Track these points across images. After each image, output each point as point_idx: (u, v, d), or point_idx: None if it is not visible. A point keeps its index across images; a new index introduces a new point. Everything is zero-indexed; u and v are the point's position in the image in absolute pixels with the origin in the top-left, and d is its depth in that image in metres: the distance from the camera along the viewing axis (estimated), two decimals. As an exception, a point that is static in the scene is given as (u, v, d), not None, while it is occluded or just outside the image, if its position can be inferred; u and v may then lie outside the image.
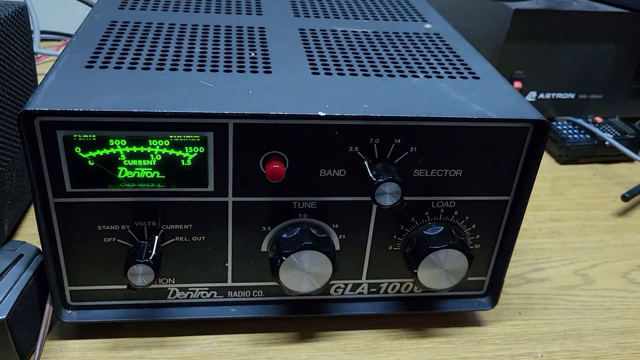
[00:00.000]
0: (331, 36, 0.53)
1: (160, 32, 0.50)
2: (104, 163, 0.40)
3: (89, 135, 0.39)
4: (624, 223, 0.67)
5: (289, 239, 0.43)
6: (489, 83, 0.46)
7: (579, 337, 0.51)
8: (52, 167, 0.39)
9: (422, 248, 0.45)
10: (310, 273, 0.43)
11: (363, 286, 0.49)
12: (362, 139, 0.41)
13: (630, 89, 0.87)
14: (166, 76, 0.42)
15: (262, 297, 0.48)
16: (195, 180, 0.41)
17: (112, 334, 0.47)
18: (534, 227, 0.66)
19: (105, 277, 0.45)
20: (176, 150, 0.40)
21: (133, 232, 0.43)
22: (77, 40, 0.47)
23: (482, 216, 0.46)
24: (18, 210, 0.57)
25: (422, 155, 0.43)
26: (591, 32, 0.81)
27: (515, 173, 0.45)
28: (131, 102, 0.38)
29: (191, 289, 0.47)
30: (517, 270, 0.59)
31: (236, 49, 0.48)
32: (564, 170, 0.78)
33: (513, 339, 0.50)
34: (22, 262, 0.44)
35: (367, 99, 0.41)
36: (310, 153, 0.41)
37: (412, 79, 0.45)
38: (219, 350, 0.47)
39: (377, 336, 0.49)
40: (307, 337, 0.48)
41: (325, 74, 0.45)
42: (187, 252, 0.45)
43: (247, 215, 0.43)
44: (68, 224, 0.42)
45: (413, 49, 0.52)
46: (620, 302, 0.55)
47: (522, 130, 0.43)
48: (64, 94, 0.38)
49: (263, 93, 0.41)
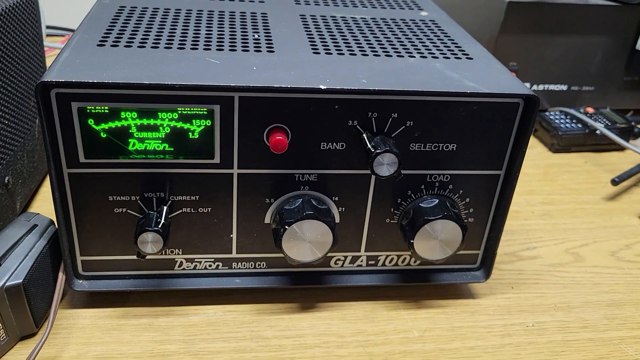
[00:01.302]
0: (331, 21, 0.55)
1: (167, 16, 0.52)
2: (116, 135, 0.42)
3: (102, 108, 0.41)
4: (613, 207, 0.70)
5: (291, 209, 0.46)
6: (482, 63, 0.49)
7: (568, 309, 0.53)
8: (66, 138, 0.42)
9: (418, 219, 0.47)
10: (312, 242, 0.45)
11: (362, 259, 0.51)
12: (360, 113, 0.43)
13: (621, 81, 0.89)
14: (174, 54, 0.44)
15: (265, 268, 0.50)
16: (202, 152, 0.44)
17: (122, 303, 0.49)
18: (527, 209, 0.68)
19: (116, 248, 0.47)
20: (184, 123, 0.42)
21: (142, 203, 0.45)
22: (88, 22, 0.49)
23: (475, 190, 0.48)
24: (29, 190, 0.59)
25: (417, 129, 0.45)
26: (583, 25, 0.83)
27: (506, 148, 0.47)
28: (142, 75, 0.40)
29: (197, 260, 0.49)
30: (510, 249, 0.61)
31: (240, 32, 0.50)
32: (556, 158, 0.80)
33: (505, 310, 0.52)
34: (36, 232, 0.46)
35: (365, 75, 0.44)
36: (311, 126, 0.43)
37: (409, 59, 0.48)
38: (224, 318, 0.49)
39: (375, 307, 0.51)
40: (309, 307, 0.51)
41: (326, 53, 0.47)
42: (194, 224, 0.47)
43: (251, 187, 0.46)
44: (80, 194, 0.44)
45: (409, 33, 0.54)
46: (608, 277, 0.58)
47: (513, 105, 0.45)
48: (78, 67, 0.41)
49: (267, 69, 0.43)
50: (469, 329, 0.50)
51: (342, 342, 0.47)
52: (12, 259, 0.43)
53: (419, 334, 0.49)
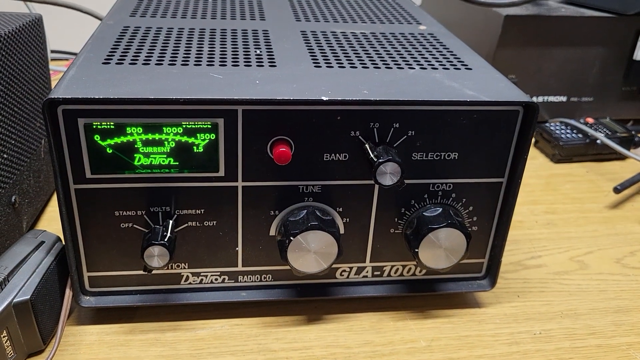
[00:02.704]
0: (331, 36, 0.56)
1: (170, 35, 0.53)
2: (122, 150, 0.43)
3: (107, 124, 0.41)
4: (616, 214, 0.70)
5: (296, 221, 0.46)
6: (481, 73, 0.49)
7: (575, 316, 0.53)
8: (73, 154, 0.42)
9: (422, 228, 0.47)
10: (317, 253, 0.46)
11: (367, 269, 0.51)
12: (362, 124, 0.44)
13: (620, 91, 0.90)
14: (178, 69, 0.45)
15: (271, 281, 0.50)
16: (206, 165, 0.44)
17: (128, 319, 0.49)
18: (530, 219, 0.68)
19: (122, 263, 0.47)
20: (189, 137, 0.43)
21: (148, 218, 0.45)
22: (93, 42, 0.50)
23: (478, 198, 0.49)
24: (35, 209, 0.59)
25: (419, 138, 0.45)
26: (579, 36, 0.84)
27: (508, 155, 0.47)
28: (147, 91, 0.41)
29: (203, 274, 0.49)
30: (515, 258, 0.61)
31: (242, 48, 0.51)
32: (558, 168, 0.81)
33: (512, 318, 0.52)
34: (43, 249, 0.46)
35: (366, 86, 0.44)
36: (314, 138, 0.44)
37: (408, 70, 0.48)
38: (231, 332, 0.49)
39: (382, 317, 0.51)
40: (315, 319, 0.51)
41: (327, 66, 0.48)
42: (200, 237, 0.47)
43: (255, 199, 0.46)
44: (87, 209, 0.44)
45: (408, 46, 0.55)
46: (614, 284, 0.58)
47: (513, 113, 0.45)
48: (84, 84, 0.41)
49: (269, 82, 0.44)
50: (476, 337, 0.50)
51: (349, 354, 0.47)
52: (19, 276, 0.43)
53: (426, 344, 0.49)
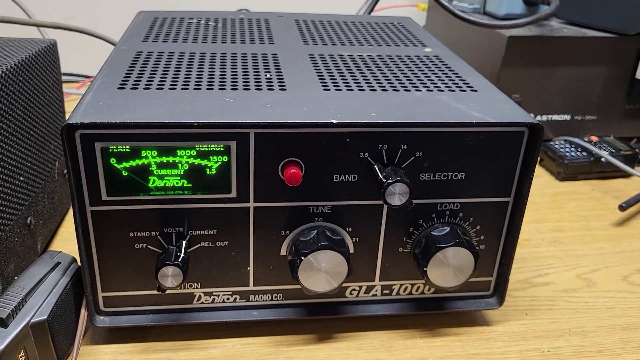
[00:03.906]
0: (339, 60, 0.58)
1: (182, 60, 0.55)
2: (137, 173, 0.44)
3: (123, 147, 0.43)
4: (622, 232, 0.70)
5: (307, 241, 0.47)
6: (486, 94, 0.51)
7: (583, 333, 0.53)
8: (89, 177, 0.43)
9: (431, 247, 0.48)
10: (328, 272, 0.47)
11: (376, 288, 0.52)
12: (371, 145, 0.45)
13: (623, 109, 0.91)
14: (191, 94, 0.46)
15: (282, 300, 0.51)
16: (219, 187, 0.45)
17: (142, 338, 0.50)
18: (537, 237, 0.69)
19: (136, 283, 0.48)
20: (202, 159, 0.44)
21: (162, 238, 0.46)
22: (108, 68, 0.52)
23: (485, 217, 0.50)
24: (49, 231, 0.60)
25: (427, 159, 0.46)
26: (582, 56, 0.86)
27: (514, 175, 0.48)
28: (161, 115, 0.42)
29: (215, 294, 0.50)
30: (522, 276, 0.61)
31: (253, 72, 0.52)
32: (563, 186, 0.82)
33: (520, 336, 0.53)
34: (59, 269, 0.47)
35: (374, 109, 0.45)
36: (324, 159, 0.45)
37: (415, 93, 0.50)
38: (243, 351, 0.49)
39: (392, 336, 0.52)
40: (326, 338, 0.51)
41: (335, 90, 0.49)
42: (212, 257, 0.48)
43: (267, 219, 0.47)
44: (103, 231, 0.45)
45: (415, 68, 0.56)
46: (621, 302, 0.58)
47: (518, 134, 0.46)
48: (101, 109, 0.43)
49: (280, 106, 0.45)
50: (485, 355, 0.50)
51: (360, 372, 0.48)
52: (37, 296, 0.44)
53: (436, 362, 0.49)
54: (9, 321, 0.42)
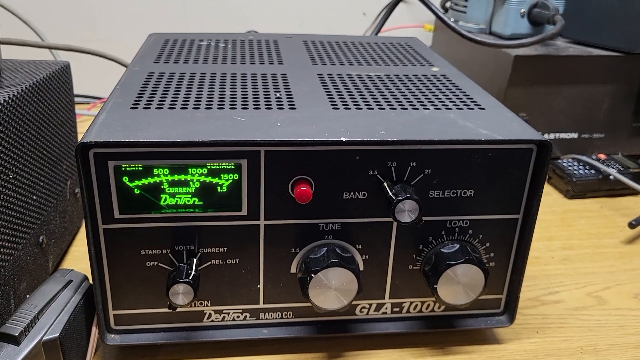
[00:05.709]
0: (347, 79, 0.58)
1: (193, 80, 0.55)
2: (149, 191, 0.44)
3: (136, 165, 0.43)
4: (633, 250, 0.70)
5: (317, 258, 0.47)
6: (494, 112, 0.51)
7: (595, 352, 0.53)
8: (102, 195, 0.44)
9: (441, 264, 0.48)
10: (338, 290, 0.47)
11: (386, 306, 0.52)
12: (380, 163, 0.45)
13: (630, 127, 0.91)
14: (202, 113, 0.47)
15: (292, 318, 0.51)
16: (230, 205, 0.46)
17: (152, 356, 0.50)
18: (547, 255, 0.69)
19: (146, 301, 0.48)
20: (213, 177, 0.44)
21: (173, 256, 0.47)
22: (121, 88, 0.52)
23: (494, 234, 0.50)
24: (60, 250, 0.61)
25: (436, 177, 0.47)
26: (588, 75, 0.86)
27: (523, 191, 0.48)
28: (173, 134, 0.43)
29: (225, 312, 0.50)
30: (532, 294, 0.61)
31: (262, 91, 0.53)
32: (572, 204, 0.81)
33: (532, 354, 0.52)
34: (71, 287, 0.47)
35: (383, 127, 0.46)
36: (334, 177, 0.45)
37: (423, 111, 0.50)
38: (253, 369, 0.49)
39: (402, 354, 0.52)
40: (336, 356, 0.51)
41: (344, 108, 0.50)
42: (222, 275, 0.48)
43: (277, 237, 0.47)
44: (114, 248, 0.46)
45: (422, 87, 0.57)
46: (633, 320, 0.58)
47: (527, 151, 0.47)
48: (114, 129, 0.43)
49: (290, 124, 0.46)
50: (496, 374, 0.50)
51: (370, 390, 0.48)
52: (49, 314, 0.45)
53: (447, 380, 0.49)
54: (21, 339, 0.42)
